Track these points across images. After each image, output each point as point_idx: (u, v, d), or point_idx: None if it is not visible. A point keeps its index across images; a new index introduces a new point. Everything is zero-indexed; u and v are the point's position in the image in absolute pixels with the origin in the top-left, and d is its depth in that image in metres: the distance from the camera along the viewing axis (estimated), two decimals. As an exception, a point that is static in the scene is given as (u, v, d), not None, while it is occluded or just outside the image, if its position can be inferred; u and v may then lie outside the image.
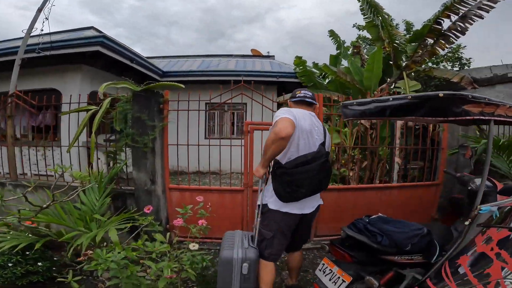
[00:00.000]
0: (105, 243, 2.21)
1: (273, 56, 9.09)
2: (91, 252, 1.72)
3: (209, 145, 2.91)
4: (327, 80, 5.82)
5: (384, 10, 4.51)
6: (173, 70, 8.02)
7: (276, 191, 1.59)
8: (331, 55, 5.84)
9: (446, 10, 3.88)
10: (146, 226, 2.16)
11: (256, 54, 9.61)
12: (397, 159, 3.93)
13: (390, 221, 1.66)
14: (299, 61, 5.20)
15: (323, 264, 1.66)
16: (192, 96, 2.98)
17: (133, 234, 2.35)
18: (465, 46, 8.08)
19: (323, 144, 1.70)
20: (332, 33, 6.46)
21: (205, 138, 8.20)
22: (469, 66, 8.14)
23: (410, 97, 1.20)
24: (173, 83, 2.82)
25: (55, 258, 2.33)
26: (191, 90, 2.98)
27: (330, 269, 1.59)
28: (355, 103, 1.50)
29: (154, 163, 2.70)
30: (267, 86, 7.75)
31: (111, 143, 3.06)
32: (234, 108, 8.25)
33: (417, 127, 3.80)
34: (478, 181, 1.96)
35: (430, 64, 4.83)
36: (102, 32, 5.38)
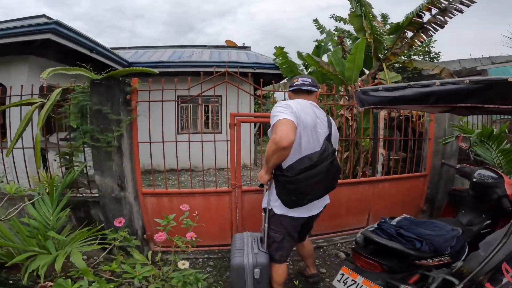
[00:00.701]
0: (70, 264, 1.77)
1: (249, 47, 8.73)
2: (51, 284, 1.32)
3: (189, 141, 2.53)
4: (309, 71, 5.65)
5: (367, 0, 4.41)
6: (141, 61, 7.30)
7: (280, 198, 1.49)
8: (315, 46, 5.68)
9: (429, 4, 3.88)
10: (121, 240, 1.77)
11: (231, 45, 9.15)
12: (381, 150, 3.89)
13: (420, 223, 1.51)
14: (280, 51, 4.94)
15: (343, 274, 1.45)
16: (165, 92, 2.57)
17: (106, 252, 1.94)
18: (436, 40, 8.50)
19: (328, 138, 1.53)
20: (317, 22, 6.33)
21: (178, 133, 7.66)
22: (438, 60, 8.61)
23: (468, 81, 0.99)
24: (144, 68, 2.38)
25: (10, 282, 1.83)
26: (157, 82, 2.55)
27: (353, 280, 1.38)
28: (380, 88, 1.27)
29: (122, 165, 2.25)
30: (244, 77, 7.41)
31: (69, 143, 2.54)
32: (208, 101, 7.80)
33: (400, 117, 3.77)
34: (483, 172, 1.88)
35: (402, 56, 4.89)
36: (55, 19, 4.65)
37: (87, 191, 2.59)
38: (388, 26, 4.43)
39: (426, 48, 8.25)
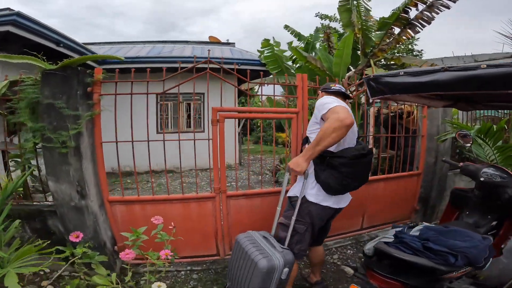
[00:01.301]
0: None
1: (234, 43, 8.40)
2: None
3: (164, 140, 2.21)
4: (297, 66, 5.45)
5: None
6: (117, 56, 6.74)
7: (325, 183, 1.46)
8: (292, 47, 5.48)
9: None
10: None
11: (214, 41, 8.78)
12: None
13: (446, 232, 1.33)
14: (267, 43, 4.69)
15: None
16: (140, 87, 2.23)
17: (67, 264, 1.61)
18: (418, 38, 8.60)
19: (357, 139, 1.67)
20: (287, 27, 6.14)
21: (158, 132, 7.22)
22: (420, 57, 8.74)
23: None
24: (109, 55, 2.02)
25: None
26: (138, 79, 2.21)
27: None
28: (402, 73, 1.06)
29: (82, 169, 1.89)
30: (227, 74, 7.11)
31: (18, 144, 2.13)
32: (190, 99, 7.42)
33: (392, 114, 3.64)
34: (490, 171, 1.74)
35: (389, 53, 4.82)
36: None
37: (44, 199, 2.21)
38: (377, 18, 4.27)
39: (410, 46, 8.35)
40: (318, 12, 7.88)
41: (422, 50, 9.16)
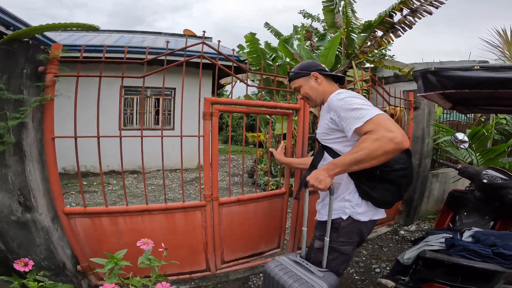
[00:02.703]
0: None
1: (211, 38, 7.94)
2: None
3: (142, 136, 1.82)
4: (277, 63, 5.26)
5: None
6: (77, 44, 5.88)
7: (382, 201, 1.22)
8: (280, 39, 5.30)
9: (402, 4, 3.85)
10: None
11: (189, 34, 8.20)
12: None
13: (504, 236, 1.25)
14: (252, 38, 4.41)
15: None
16: (104, 80, 1.79)
17: None
18: (392, 42, 8.99)
19: None
20: (267, 24, 5.99)
21: (121, 129, 6.46)
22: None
23: None
24: (76, 23, 1.56)
25: None
26: (104, 70, 1.76)
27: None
28: (477, 67, 0.89)
29: (25, 173, 1.40)
30: (203, 69, 6.66)
31: None
32: (160, 94, 6.80)
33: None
34: (490, 173, 1.74)
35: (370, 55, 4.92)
36: None
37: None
38: (362, 21, 4.29)
39: (383, 51, 8.75)
40: (303, 10, 7.82)
41: (394, 55, 9.58)
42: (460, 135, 2.05)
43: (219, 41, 2.15)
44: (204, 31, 2.10)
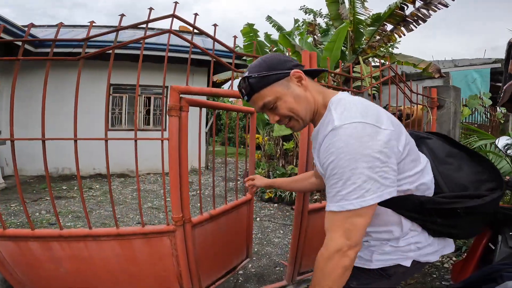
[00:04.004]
0: None
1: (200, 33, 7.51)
2: None
3: (136, 139, 1.38)
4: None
5: None
6: (61, 38, 5.46)
7: (463, 233, 0.86)
8: (280, 34, 4.90)
9: None
10: None
11: (185, 31, 7.81)
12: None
13: None
14: (250, 29, 3.98)
15: None
16: (91, 76, 1.36)
17: None
18: (400, 41, 8.57)
19: None
20: (270, 18, 5.61)
21: (108, 129, 6.02)
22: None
23: None
24: None
25: None
26: (91, 67, 1.36)
27: None
28: None
29: None
30: (197, 66, 6.25)
31: None
32: (151, 92, 6.38)
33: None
34: None
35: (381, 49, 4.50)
36: None
37: None
38: (372, 12, 3.88)
39: (390, 49, 8.33)
40: (304, 5, 7.44)
41: (400, 53, 9.14)
42: (508, 140, 1.62)
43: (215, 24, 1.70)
44: (216, 25, 1.59)
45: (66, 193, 4.56)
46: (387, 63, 4.58)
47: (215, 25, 1.50)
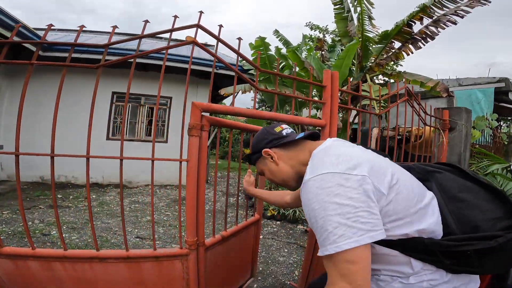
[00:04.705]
0: None
1: (213, 45, 7.61)
2: None
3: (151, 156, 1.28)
4: (284, 72, 4.84)
5: None
6: (81, 43, 5.45)
7: (483, 270, 0.75)
8: (290, 49, 4.93)
9: (421, 12, 3.49)
10: None
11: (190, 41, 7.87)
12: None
13: None
14: (261, 42, 3.99)
15: None
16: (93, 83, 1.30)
17: None
18: (404, 59, 8.70)
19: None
20: (277, 32, 5.70)
21: (108, 138, 5.92)
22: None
23: None
24: None
25: None
26: (93, 74, 1.30)
27: None
28: None
29: None
30: (201, 78, 6.24)
31: None
32: (153, 103, 6.33)
33: (399, 137, 3.15)
34: None
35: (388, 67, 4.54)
36: None
37: None
38: (380, 30, 3.91)
39: (394, 66, 8.43)
40: (309, 22, 7.58)
41: (404, 71, 9.24)
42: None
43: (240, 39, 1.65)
44: (206, 42, 1.58)
45: (61, 202, 4.38)
46: (391, 81, 4.62)
47: (239, 39, 1.46)
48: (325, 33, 7.53)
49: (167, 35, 1.17)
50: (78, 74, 5.34)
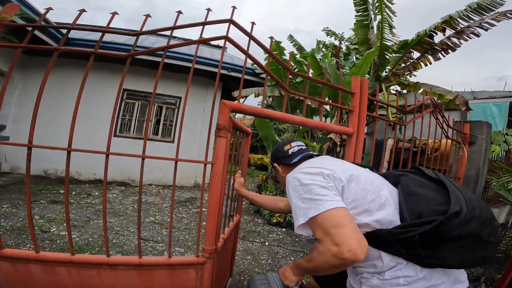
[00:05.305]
0: None
1: (226, 47, 7.58)
2: None
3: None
4: (296, 80, 4.76)
5: (392, 7, 3.73)
6: (81, 38, 5.49)
7: (454, 262, 0.81)
8: (302, 54, 4.85)
9: (445, 23, 3.41)
10: None
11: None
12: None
13: None
14: (276, 46, 3.94)
15: None
16: (106, 79, 1.23)
17: None
18: (421, 69, 8.56)
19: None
20: (291, 37, 5.66)
21: (115, 135, 5.87)
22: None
23: None
24: None
25: None
26: (105, 70, 1.23)
27: None
28: None
29: None
30: (211, 80, 6.20)
31: None
32: (164, 102, 6.28)
33: (415, 149, 3.05)
34: None
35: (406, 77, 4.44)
36: None
37: None
38: (400, 38, 3.83)
39: (408, 77, 8.30)
40: (327, 27, 7.54)
41: (418, 82, 9.12)
42: None
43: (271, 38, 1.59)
44: (218, 44, 1.51)
45: (63, 198, 4.29)
46: (404, 91, 4.51)
47: (271, 38, 1.39)
48: (339, 40, 7.48)
49: (167, 33, 1.09)
50: (93, 71, 5.32)
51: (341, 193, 0.84)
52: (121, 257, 1.02)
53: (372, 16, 3.90)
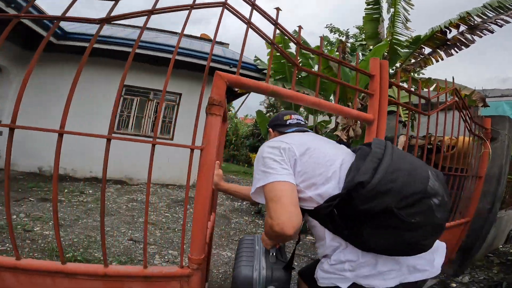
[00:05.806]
0: None
1: (228, 44, 7.39)
2: None
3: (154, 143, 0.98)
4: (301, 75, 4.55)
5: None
6: (80, 32, 5.33)
7: (382, 246, 0.80)
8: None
9: (460, 20, 3.21)
10: None
11: (206, 38, 7.70)
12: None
13: None
14: (281, 39, 3.75)
15: None
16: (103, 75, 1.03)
17: None
18: (432, 64, 8.33)
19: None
20: (296, 33, 5.44)
21: (113, 132, 5.68)
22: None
23: None
24: None
25: None
26: (105, 65, 1.04)
27: None
28: None
29: None
30: (210, 75, 6.00)
31: None
32: (161, 97, 6.09)
33: (429, 146, 2.82)
34: None
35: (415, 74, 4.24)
36: None
37: None
38: (414, 33, 3.60)
39: (415, 74, 8.08)
40: (330, 24, 7.34)
41: (430, 78, 8.87)
42: None
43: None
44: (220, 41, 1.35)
45: (51, 195, 4.10)
46: (413, 88, 4.29)
47: (299, 27, 1.22)
48: (343, 36, 7.29)
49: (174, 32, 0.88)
50: (91, 67, 5.16)
51: (293, 166, 0.83)
52: (80, 264, 0.80)
53: (385, 9, 3.70)
